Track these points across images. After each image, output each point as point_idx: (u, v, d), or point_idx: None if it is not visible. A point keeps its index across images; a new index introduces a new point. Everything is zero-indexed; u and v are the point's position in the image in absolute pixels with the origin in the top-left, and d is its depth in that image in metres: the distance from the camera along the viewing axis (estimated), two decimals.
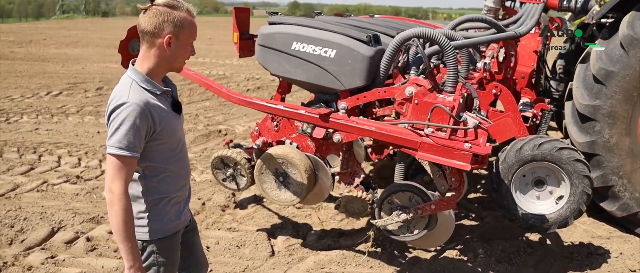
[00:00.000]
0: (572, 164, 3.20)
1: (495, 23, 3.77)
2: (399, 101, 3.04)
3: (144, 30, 1.93)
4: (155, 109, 1.93)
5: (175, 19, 1.93)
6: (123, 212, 1.85)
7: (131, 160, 1.88)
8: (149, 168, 2.00)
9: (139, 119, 1.86)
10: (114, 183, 1.85)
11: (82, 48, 18.42)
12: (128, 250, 1.87)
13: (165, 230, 2.07)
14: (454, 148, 2.65)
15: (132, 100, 1.87)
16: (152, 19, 1.91)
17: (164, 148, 2.00)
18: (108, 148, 1.87)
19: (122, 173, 1.86)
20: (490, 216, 4.48)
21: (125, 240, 1.86)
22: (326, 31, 3.20)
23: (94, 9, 50.67)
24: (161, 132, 1.95)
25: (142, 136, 1.89)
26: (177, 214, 2.12)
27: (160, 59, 1.97)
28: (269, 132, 3.66)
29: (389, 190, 3.20)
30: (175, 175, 2.08)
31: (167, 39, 1.92)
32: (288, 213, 4.52)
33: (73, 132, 7.23)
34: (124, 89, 1.91)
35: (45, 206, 4.58)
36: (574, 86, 4.15)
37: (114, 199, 1.84)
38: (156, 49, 1.95)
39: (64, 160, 5.97)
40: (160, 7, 1.92)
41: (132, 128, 1.85)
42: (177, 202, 2.12)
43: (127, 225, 1.86)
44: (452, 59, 2.96)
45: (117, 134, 1.85)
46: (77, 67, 13.65)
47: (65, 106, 8.88)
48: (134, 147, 1.86)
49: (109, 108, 1.90)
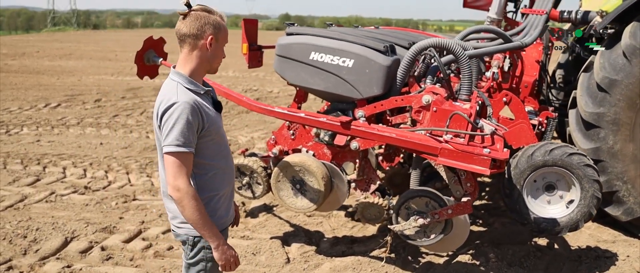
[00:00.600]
0: (583, 169, 3.30)
1: (503, 33, 3.89)
2: (416, 109, 3.13)
3: (186, 33, 2.07)
4: (202, 107, 2.06)
5: (214, 21, 2.09)
6: (195, 202, 1.99)
7: (189, 156, 2.01)
8: (200, 166, 2.11)
9: (191, 116, 1.99)
10: (177, 180, 1.97)
11: (76, 60, 18.39)
12: (210, 232, 2.05)
13: (216, 225, 2.16)
14: (473, 153, 2.73)
15: (182, 99, 2.00)
16: (194, 22, 2.06)
17: (212, 144, 2.12)
18: (166, 147, 1.99)
19: (183, 169, 1.99)
20: (498, 222, 4.58)
21: (205, 225, 2.03)
22: (344, 41, 3.29)
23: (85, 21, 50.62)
24: (209, 128, 2.08)
25: (195, 132, 2.02)
26: (226, 210, 2.26)
27: (202, 59, 2.11)
28: (286, 140, 3.73)
29: (405, 196, 3.28)
30: (223, 171, 2.20)
31: (209, 39, 2.08)
32: (299, 221, 4.58)
33: (75, 143, 7.24)
34: (172, 91, 2.04)
35: (56, 217, 4.60)
36: (578, 94, 4.27)
37: (183, 195, 1.97)
38: (198, 50, 2.10)
39: (69, 171, 5.98)
40: (199, 12, 2.08)
41: (186, 125, 1.97)
42: (226, 199, 2.25)
43: (201, 213, 2.01)
44: (466, 68, 3.06)
45: (173, 132, 1.97)
46: (72, 79, 13.64)
47: (65, 117, 8.88)
48: (190, 143, 2.00)
49: (159, 110, 2.02)
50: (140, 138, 7.65)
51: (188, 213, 2.00)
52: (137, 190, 5.37)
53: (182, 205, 1.99)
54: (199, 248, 2.19)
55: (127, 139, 7.54)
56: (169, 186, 2.00)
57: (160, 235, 4.24)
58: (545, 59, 5.23)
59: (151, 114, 9.37)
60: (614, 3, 4.24)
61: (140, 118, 9.07)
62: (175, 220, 2.20)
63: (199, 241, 2.17)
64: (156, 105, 2.06)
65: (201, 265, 2.21)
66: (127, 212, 4.78)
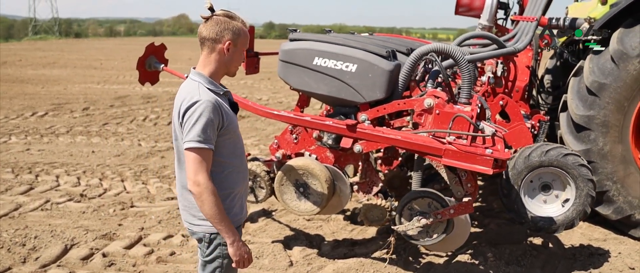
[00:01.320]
0: (577, 168, 3.43)
1: (497, 39, 4.02)
2: (418, 112, 3.22)
3: (206, 37, 2.16)
4: (221, 106, 2.14)
5: (234, 27, 2.17)
6: (214, 198, 2.06)
7: (209, 152, 2.08)
8: (217, 163, 2.17)
9: (213, 114, 2.06)
10: (197, 175, 2.04)
11: (61, 69, 18.20)
12: (226, 228, 2.12)
13: (232, 222, 2.21)
14: (476, 153, 2.83)
15: (204, 98, 2.07)
16: (214, 27, 2.15)
17: (229, 142, 2.20)
18: (187, 143, 2.06)
19: (203, 165, 2.05)
20: (493, 223, 4.69)
21: (222, 220, 2.10)
22: (347, 47, 3.37)
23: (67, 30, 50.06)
24: (228, 127, 2.16)
25: (215, 129, 2.09)
26: (240, 208, 2.32)
27: (220, 63, 2.20)
28: (288, 144, 3.79)
29: (408, 197, 3.36)
30: (238, 170, 2.27)
31: (227, 44, 2.15)
32: (299, 225, 4.63)
33: (67, 152, 7.20)
34: (194, 90, 2.11)
35: (54, 225, 4.57)
36: (569, 97, 4.42)
37: (202, 189, 2.04)
38: (216, 53, 2.18)
39: (63, 179, 5.95)
40: (220, 17, 2.17)
41: (208, 122, 2.05)
42: (240, 197, 2.32)
43: (219, 208, 2.08)
44: (466, 72, 3.16)
45: (195, 128, 2.04)
46: (58, 88, 13.51)
47: (54, 126, 8.80)
48: (210, 140, 2.07)
49: (182, 108, 2.09)
50: (132, 146, 7.63)
51: (207, 208, 2.06)
52: (133, 197, 5.37)
53: (202, 200, 2.05)
54: (215, 245, 2.24)
55: (119, 147, 7.51)
56: (189, 181, 2.06)
57: (161, 240, 4.25)
58: (535, 64, 5.38)
59: (141, 123, 9.36)
60: (601, 10, 4.40)
61: (130, 126, 9.03)
62: (193, 218, 2.25)
63: (215, 238, 2.23)
64: (177, 103, 2.13)
65: (218, 262, 2.26)
66: (126, 219, 4.77)
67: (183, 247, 4.17)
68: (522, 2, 5.40)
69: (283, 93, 13.37)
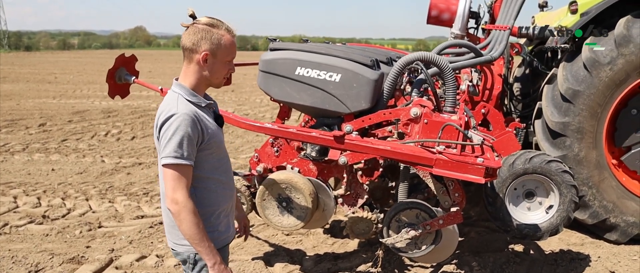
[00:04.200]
0: (560, 175, 3.45)
1: (475, 48, 4.03)
2: (404, 121, 3.16)
3: (184, 46, 2.04)
4: (201, 120, 2.01)
5: (213, 37, 2.02)
6: (193, 216, 1.92)
7: (188, 168, 1.95)
8: (200, 179, 2.05)
9: (190, 128, 1.94)
10: (176, 192, 1.91)
11: (12, 83, 17.41)
12: (207, 249, 1.96)
13: (217, 241, 2.11)
14: (467, 162, 2.78)
15: (182, 111, 1.95)
16: (191, 36, 2.01)
17: (212, 158, 2.08)
18: (164, 159, 1.93)
19: (182, 181, 1.93)
20: (474, 231, 4.68)
21: (202, 241, 1.95)
22: (330, 56, 3.28)
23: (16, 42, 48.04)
24: (209, 141, 2.03)
25: (194, 144, 1.97)
26: (226, 226, 2.20)
27: (199, 74, 2.06)
28: (269, 158, 3.65)
29: (395, 208, 3.29)
30: (224, 186, 2.15)
31: (203, 55, 2.02)
32: (278, 241, 4.49)
33: (24, 170, 6.81)
34: (172, 102, 1.99)
35: (14, 250, 4.27)
36: (544, 105, 4.48)
37: (180, 208, 1.91)
38: (194, 64, 2.05)
39: (22, 200, 5.60)
40: (200, 26, 2.02)
41: (185, 137, 1.92)
42: (226, 215, 2.19)
43: (199, 228, 1.94)
44: (451, 81, 3.13)
45: (171, 143, 1.92)
46: (10, 103, 12.88)
47: (8, 144, 8.34)
48: (188, 155, 1.94)
49: (159, 121, 1.97)
50: (95, 163, 7.29)
51: (185, 227, 1.93)
52: (101, 216, 5.09)
53: (180, 219, 1.92)
54: (200, 267, 2.11)
55: (81, 165, 7.16)
56: (167, 199, 1.94)
57: (134, 262, 4.02)
58: (507, 72, 5.46)
59: (103, 138, 9.00)
60: (572, 19, 4.50)
61: (92, 142, 8.65)
62: (177, 237, 2.11)
63: (200, 259, 2.09)
64: (157, 116, 2.01)
65: None
66: (94, 240, 4.51)
67: (158, 268, 3.96)
68: (493, 12, 5.47)
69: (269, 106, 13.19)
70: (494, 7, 5.49)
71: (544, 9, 6.08)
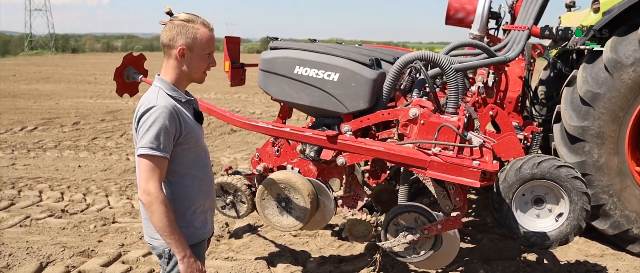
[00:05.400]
0: (571, 181, 3.28)
1: (486, 48, 3.89)
2: (402, 122, 3.08)
3: (162, 42, 2.08)
4: (181, 114, 2.03)
5: (188, 32, 2.05)
6: (164, 208, 1.93)
7: (163, 160, 1.96)
8: (176, 174, 2.06)
9: (168, 121, 1.95)
10: (148, 183, 1.92)
11: (54, 84, 18.11)
12: (177, 242, 1.97)
13: (193, 236, 2.12)
14: (462, 165, 2.68)
15: (161, 103, 1.97)
16: (168, 32, 2.05)
17: (190, 153, 2.09)
18: (139, 149, 1.95)
19: (155, 173, 1.93)
20: (486, 238, 4.52)
21: (172, 234, 1.96)
22: (329, 55, 3.24)
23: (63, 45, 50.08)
24: (186, 136, 2.04)
25: (170, 137, 1.98)
26: (203, 223, 2.19)
27: (178, 69, 2.09)
28: (270, 157, 3.64)
29: (394, 212, 3.20)
30: (201, 182, 2.15)
31: (179, 50, 2.05)
32: (285, 241, 4.46)
33: (53, 166, 7.04)
34: (152, 96, 2.02)
35: (31, 241, 4.40)
36: (562, 108, 4.28)
37: (152, 199, 1.92)
38: (172, 60, 2.08)
39: (46, 195, 5.79)
40: (176, 22, 2.06)
41: (162, 129, 1.94)
42: (203, 211, 2.18)
43: (170, 220, 1.95)
44: (453, 81, 3.03)
45: (147, 135, 1.93)
46: (50, 102, 13.39)
47: (42, 141, 8.66)
48: (164, 147, 1.95)
49: (138, 113, 1.99)
50: (120, 160, 7.47)
51: (156, 219, 1.94)
52: (116, 212, 5.20)
53: (151, 210, 1.93)
54: (175, 262, 2.10)
55: (107, 162, 7.35)
56: (140, 190, 1.95)
57: (140, 257, 4.08)
58: (528, 75, 5.27)
59: (130, 137, 9.21)
60: (594, 18, 4.29)
61: (120, 141, 8.88)
62: (153, 231, 2.11)
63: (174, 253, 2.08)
64: (137, 108, 2.03)
65: None
66: (106, 235, 4.61)
67: None
68: (514, 12, 5.30)
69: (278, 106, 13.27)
70: (515, 7, 5.32)
71: (571, 9, 5.84)
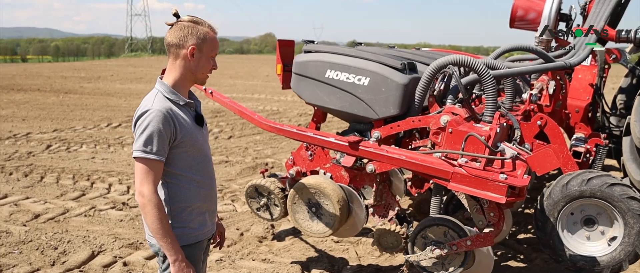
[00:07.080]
0: (626, 202, 2.93)
1: (542, 52, 3.60)
2: (433, 130, 2.92)
3: (169, 43, 2.10)
4: (176, 117, 2.04)
5: (199, 32, 2.09)
6: (157, 211, 1.96)
7: (157, 163, 1.99)
8: (172, 175, 2.09)
9: (162, 125, 1.97)
10: (143, 186, 1.96)
11: (146, 84, 19.39)
12: (169, 245, 2.00)
13: (188, 237, 2.13)
14: (487, 178, 2.48)
15: (155, 107, 2.00)
16: (178, 32, 2.08)
17: (187, 156, 2.10)
18: (134, 152, 1.99)
19: (149, 175, 1.96)
20: (540, 258, 4.17)
21: (164, 236, 1.98)
22: (360, 59, 3.16)
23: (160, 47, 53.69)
24: (182, 139, 2.05)
25: (165, 140, 2.00)
26: (201, 224, 2.19)
27: (185, 69, 2.11)
28: (303, 161, 3.61)
29: (423, 224, 3.05)
30: (198, 185, 2.15)
31: (190, 49, 2.07)
32: (325, 247, 4.41)
33: (126, 161, 7.51)
34: (149, 99, 2.05)
35: (90, 231, 4.71)
36: (632, 120, 3.86)
37: (146, 201, 1.95)
38: (181, 59, 2.10)
39: (114, 188, 6.18)
40: (184, 23, 2.10)
41: (155, 133, 1.96)
42: (200, 213, 2.19)
43: (163, 223, 1.98)
44: (490, 88, 2.83)
45: (141, 138, 1.97)
46: (138, 101, 14.33)
47: (122, 137, 9.27)
48: (158, 150, 1.98)
49: (135, 116, 2.03)
50: None
51: (149, 221, 1.97)
52: None
53: (145, 212, 1.97)
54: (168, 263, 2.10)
55: None
56: (136, 192, 1.99)
57: None
58: (600, 82, 4.81)
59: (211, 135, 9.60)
60: None
61: None
62: None
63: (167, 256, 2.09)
64: (135, 112, 2.07)
65: None
66: None
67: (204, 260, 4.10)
68: (586, 13, 4.87)
69: None
70: (588, 8, 4.88)
71: None
